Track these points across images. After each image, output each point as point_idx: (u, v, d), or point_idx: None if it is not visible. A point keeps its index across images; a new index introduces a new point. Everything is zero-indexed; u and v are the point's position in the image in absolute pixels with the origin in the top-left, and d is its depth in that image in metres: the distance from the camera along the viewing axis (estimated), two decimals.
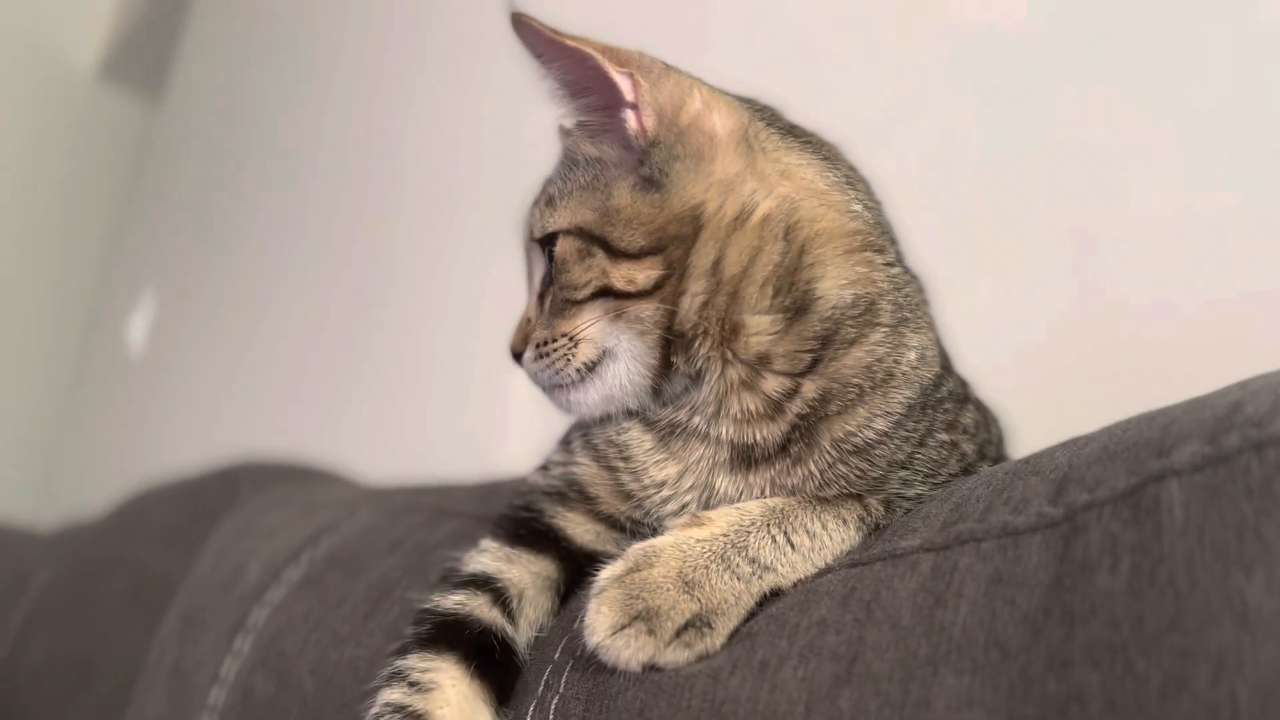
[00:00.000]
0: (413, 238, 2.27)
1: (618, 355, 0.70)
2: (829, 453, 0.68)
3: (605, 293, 0.69)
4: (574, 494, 0.76)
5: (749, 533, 0.65)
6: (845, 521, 0.67)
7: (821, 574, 0.65)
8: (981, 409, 0.78)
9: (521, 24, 0.69)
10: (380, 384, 2.20)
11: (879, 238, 0.72)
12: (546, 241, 0.73)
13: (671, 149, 0.69)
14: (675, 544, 0.64)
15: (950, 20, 1.34)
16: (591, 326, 0.70)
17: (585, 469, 0.75)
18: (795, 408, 0.68)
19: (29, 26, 4.09)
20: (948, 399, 0.72)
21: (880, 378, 0.68)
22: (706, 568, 0.63)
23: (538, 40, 0.69)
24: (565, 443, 0.80)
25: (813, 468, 0.68)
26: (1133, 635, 0.47)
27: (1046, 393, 1.08)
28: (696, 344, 0.69)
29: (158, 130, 4.17)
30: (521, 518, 0.76)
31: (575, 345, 0.71)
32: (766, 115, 0.75)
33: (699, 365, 0.69)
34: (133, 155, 4.38)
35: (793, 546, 0.65)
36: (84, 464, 3.65)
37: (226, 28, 3.71)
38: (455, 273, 2.11)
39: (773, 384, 0.69)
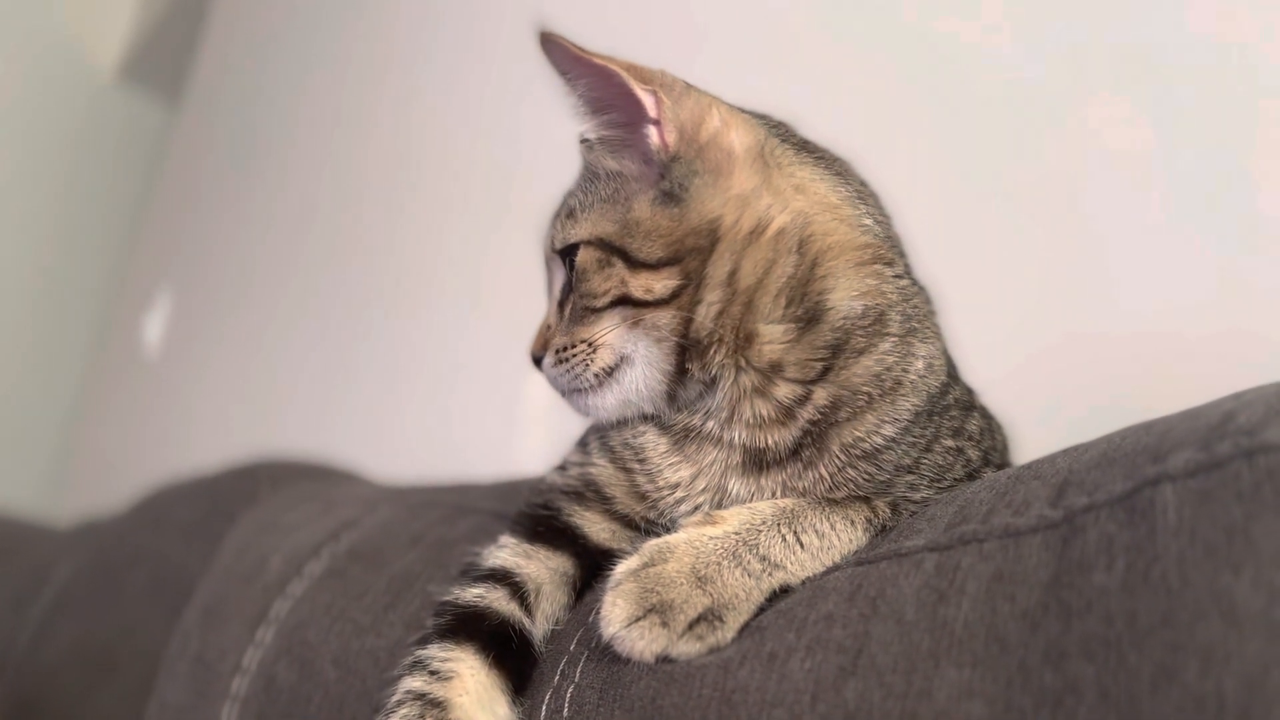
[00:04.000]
0: (430, 241, 2.31)
1: (635, 361, 0.73)
2: (839, 457, 0.70)
3: (623, 301, 0.72)
4: (591, 494, 0.78)
5: (760, 531, 0.67)
6: (853, 523, 0.70)
7: (829, 572, 0.67)
8: (987, 416, 0.80)
9: (550, 42, 0.72)
10: (396, 385, 2.24)
11: (888, 250, 0.75)
12: (567, 252, 0.76)
13: (691, 164, 0.72)
14: (689, 540, 0.66)
15: (956, 33, 1.37)
16: (610, 333, 0.73)
17: (602, 470, 0.78)
18: (806, 414, 0.71)
19: (50, 29, 4.15)
20: (954, 406, 0.75)
21: (889, 386, 0.71)
22: (719, 564, 0.65)
23: (565, 58, 0.72)
24: (582, 444, 0.83)
25: (823, 471, 0.71)
26: (1126, 630, 0.50)
27: (1049, 402, 1.10)
28: (711, 351, 0.72)
29: (175, 132, 4.23)
30: (539, 515, 0.79)
31: (594, 351, 0.73)
32: (781, 131, 0.78)
33: (713, 372, 0.72)
34: (150, 156, 4.42)
35: (802, 545, 0.67)
36: (100, 461, 3.70)
37: (244, 32, 3.76)
38: (470, 277, 2.14)
39: (784, 391, 0.71)
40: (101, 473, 3.58)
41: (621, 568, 0.66)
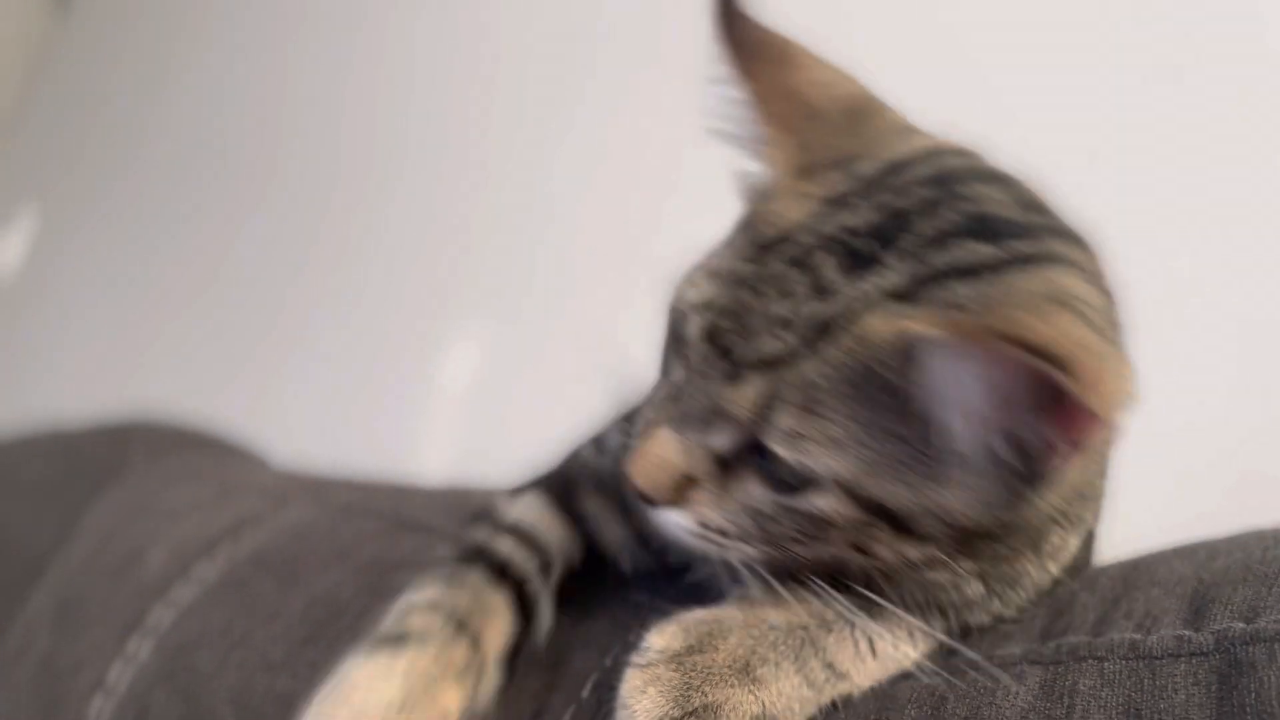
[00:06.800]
0: (355, 189, 2.07)
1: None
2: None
3: (853, 545, 0.53)
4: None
5: (829, 630, 0.54)
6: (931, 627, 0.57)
7: (897, 680, 0.55)
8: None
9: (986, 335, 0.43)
10: (295, 351, 2.02)
11: None
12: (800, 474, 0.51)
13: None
14: (745, 624, 0.53)
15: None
16: (804, 550, 0.54)
17: None
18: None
19: None
20: None
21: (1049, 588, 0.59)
22: (778, 664, 0.52)
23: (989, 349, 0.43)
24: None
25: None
26: None
27: None
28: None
29: (63, 29, 3.84)
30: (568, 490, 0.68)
31: (770, 550, 0.54)
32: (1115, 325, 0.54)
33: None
34: (30, 53, 4.03)
35: (874, 654, 0.54)
36: None
37: None
38: (395, 239, 1.95)
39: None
40: None
41: (658, 643, 0.52)
